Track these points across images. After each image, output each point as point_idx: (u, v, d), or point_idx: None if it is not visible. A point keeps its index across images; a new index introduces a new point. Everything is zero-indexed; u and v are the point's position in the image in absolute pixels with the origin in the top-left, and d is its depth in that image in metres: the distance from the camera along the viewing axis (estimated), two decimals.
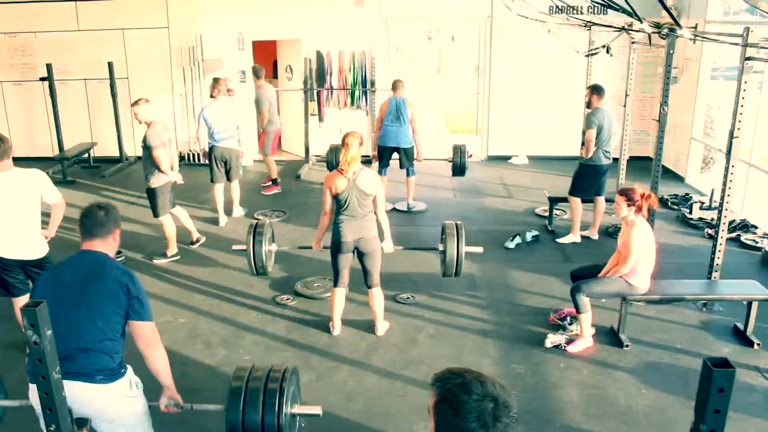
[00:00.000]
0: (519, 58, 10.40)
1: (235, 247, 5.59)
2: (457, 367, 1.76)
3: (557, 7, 9.14)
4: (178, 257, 6.82)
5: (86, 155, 10.76)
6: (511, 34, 10.23)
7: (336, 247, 4.98)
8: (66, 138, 10.56)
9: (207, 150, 7.78)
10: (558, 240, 7.11)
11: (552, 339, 4.98)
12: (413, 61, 20.61)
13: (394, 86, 8.05)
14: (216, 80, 7.87)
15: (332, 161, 8.20)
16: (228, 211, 7.97)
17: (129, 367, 3.08)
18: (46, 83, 10.32)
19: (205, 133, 7.71)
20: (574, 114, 9.64)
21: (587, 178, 6.95)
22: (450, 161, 8.26)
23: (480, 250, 5.47)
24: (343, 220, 4.90)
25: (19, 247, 4.66)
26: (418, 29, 16.88)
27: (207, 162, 7.92)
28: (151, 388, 3.19)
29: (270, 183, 9.12)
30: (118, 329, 2.97)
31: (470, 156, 8.40)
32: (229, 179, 7.89)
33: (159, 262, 6.74)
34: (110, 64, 10.42)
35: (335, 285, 5.12)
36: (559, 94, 10.34)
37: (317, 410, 3.15)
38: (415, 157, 8.05)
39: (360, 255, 4.99)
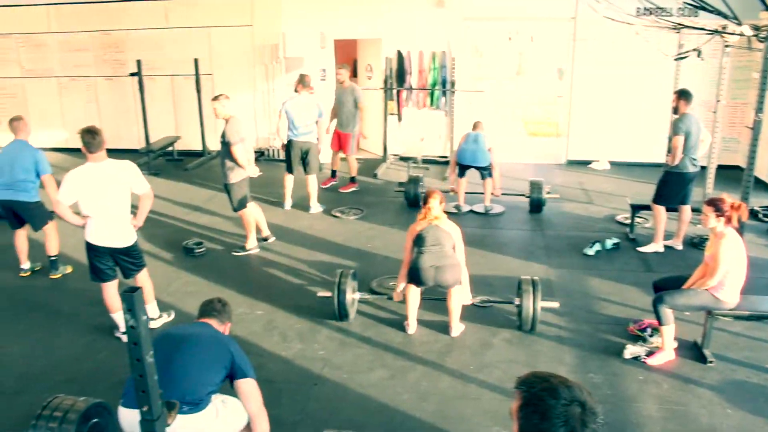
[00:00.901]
0: (603, 60, 10.15)
1: (319, 294, 5.68)
2: (542, 371, 1.74)
3: (645, 8, 8.89)
4: (257, 250, 6.97)
5: (170, 148, 11.15)
6: (596, 36, 10.00)
7: (414, 274, 5.04)
8: (152, 131, 10.95)
9: (286, 143, 7.96)
10: (639, 249, 6.91)
11: (631, 350, 4.84)
12: (492, 62, 20.44)
13: (475, 126, 8.09)
14: (302, 76, 8.04)
15: (410, 192, 8.31)
16: (305, 207, 8.11)
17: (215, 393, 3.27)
18: (136, 79, 10.73)
19: (285, 126, 7.89)
20: (660, 119, 9.35)
21: (673, 186, 6.72)
22: (528, 197, 8.11)
23: (556, 305, 5.36)
24: (423, 252, 5.00)
25: (110, 235, 4.87)
26: (498, 30, 16.73)
27: (285, 157, 8.11)
28: None
29: (348, 181, 9.22)
30: (215, 380, 3.21)
31: (548, 192, 8.23)
32: (306, 172, 8.04)
33: (238, 254, 6.89)
34: (196, 61, 10.75)
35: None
36: (644, 98, 10.04)
37: None
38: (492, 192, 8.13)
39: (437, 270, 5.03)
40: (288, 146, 8.00)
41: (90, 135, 4.78)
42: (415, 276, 5.02)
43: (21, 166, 6.07)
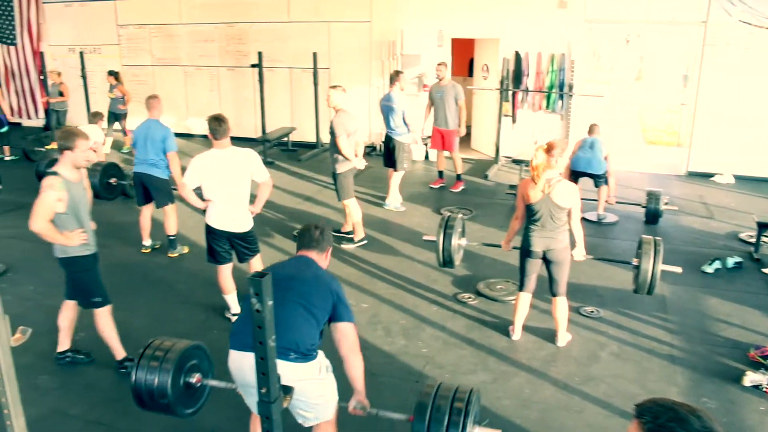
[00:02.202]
0: (734, 67, 9.59)
1: (425, 238, 5.70)
2: (664, 399, 1.64)
3: None
4: (365, 242, 7.07)
5: (285, 139, 11.47)
6: (728, 41, 9.48)
7: (525, 253, 4.92)
8: (269, 121, 11.32)
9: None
10: (765, 270, 6.50)
11: (752, 378, 4.56)
12: (610, 66, 19.75)
13: (591, 130, 7.88)
14: (397, 73, 8.16)
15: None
16: (412, 202, 8.22)
17: (320, 352, 3.25)
18: (256, 70, 11.12)
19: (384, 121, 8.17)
20: None
21: None
22: (644, 207, 7.76)
23: (678, 270, 5.11)
24: (534, 230, 4.82)
25: (229, 220, 5.06)
26: (620, 33, 16.16)
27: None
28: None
29: (454, 180, 9.20)
30: (320, 320, 3.18)
31: (666, 203, 7.83)
32: (394, 169, 8.17)
33: (347, 247, 7.01)
34: (315, 55, 11.00)
35: (521, 289, 5.04)
36: None
37: None
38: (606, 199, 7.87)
39: (548, 263, 4.89)
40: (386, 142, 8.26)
41: (217, 122, 4.99)
42: (525, 254, 4.92)
43: (152, 143, 6.46)
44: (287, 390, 2.37)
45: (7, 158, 11.44)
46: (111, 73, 11.45)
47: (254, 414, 3.44)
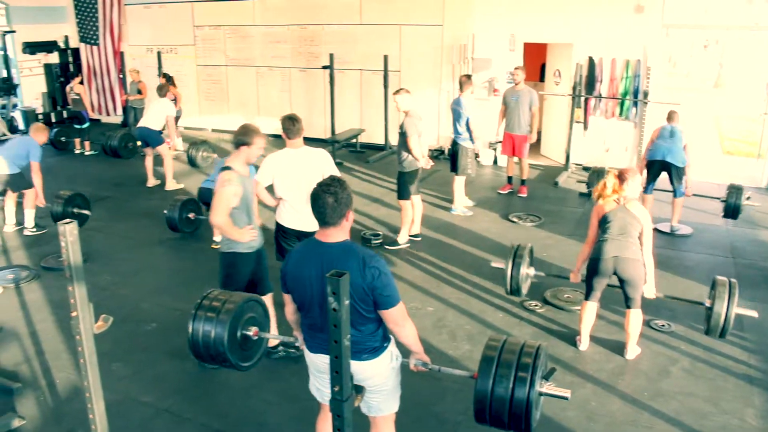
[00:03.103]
0: None
1: (493, 265, 5.64)
2: None
3: None
4: (420, 239, 7.17)
5: (354, 140, 11.56)
6: None
7: (594, 263, 4.82)
8: (338, 122, 11.43)
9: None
10: None
11: None
12: (687, 72, 19.22)
13: (670, 117, 7.58)
14: (467, 77, 8.15)
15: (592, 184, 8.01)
16: (482, 207, 8.16)
17: (392, 340, 3.20)
18: (327, 71, 11.26)
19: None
20: None
21: None
22: (723, 201, 7.30)
23: (755, 314, 4.85)
24: (605, 239, 4.76)
25: (299, 219, 5.12)
26: (697, 39, 15.68)
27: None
28: None
29: (519, 184, 9.10)
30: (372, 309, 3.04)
31: (748, 198, 7.32)
32: (456, 173, 8.17)
33: (391, 247, 7.09)
34: (385, 57, 11.04)
35: (587, 298, 4.95)
36: None
37: (566, 393, 2.92)
38: (684, 187, 7.53)
39: (620, 279, 4.78)
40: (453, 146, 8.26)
41: (290, 122, 5.06)
42: (594, 266, 4.83)
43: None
44: (359, 389, 2.38)
45: (87, 153, 11.90)
46: (165, 76, 11.69)
47: (323, 405, 3.45)
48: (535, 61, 11.88)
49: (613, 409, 4.34)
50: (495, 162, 10.79)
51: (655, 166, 7.47)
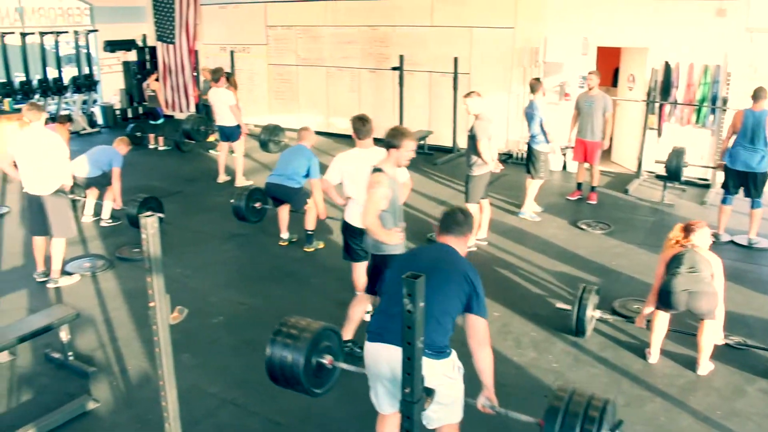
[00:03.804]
0: None
1: (558, 305, 5.56)
2: None
3: None
4: (486, 243, 7.04)
5: (422, 142, 11.53)
6: None
7: (665, 299, 4.71)
8: (406, 124, 11.39)
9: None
10: None
11: None
12: None
13: (755, 95, 7.01)
14: (537, 80, 8.09)
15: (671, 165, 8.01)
16: (551, 212, 8.07)
17: (454, 351, 3.22)
18: (397, 72, 11.28)
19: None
20: None
21: None
22: None
23: None
24: (677, 274, 4.63)
25: None
26: None
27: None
28: None
29: (588, 191, 8.91)
30: (454, 314, 3.15)
31: None
32: (531, 177, 8.06)
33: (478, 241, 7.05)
34: (455, 59, 10.98)
35: (658, 307, 4.80)
36: None
37: None
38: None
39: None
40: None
41: (361, 122, 5.11)
42: (664, 299, 4.69)
43: (297, 165, 6.86)
44: (429, 392, 2.37)
45: (160, 148, 12.24)
46: (227, 75, 11.79)
47: (381, 415, 3.46)
48: (608, 66, 11.61)
49: (683, 426, 4.20)
50: (564, 167, 10.60)
51: (735, 175, 7.19)
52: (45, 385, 4.64)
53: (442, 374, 3.12)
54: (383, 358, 3.09)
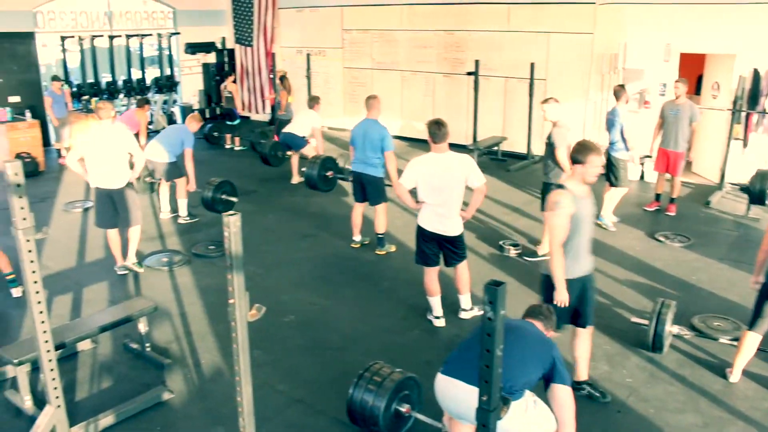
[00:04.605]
0: None
1: (633, 320, 5.40)
2: None
3: None
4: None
5: (495, 148, 11.43)
6: None
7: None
8: (480, 129, 11.34)
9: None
10: None
11: None
12: None
13: None
14: (621, 87, 7.92)
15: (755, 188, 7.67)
16: (627, 223, 7.89)
17: (527, 391, 3.30)
18: (472, 77, 11.22)
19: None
20: None
21: None
22: None
23: None
24: None
25: (441, 223, 5.13)
26: None
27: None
28: None
29: (667, 202, 8.62)
30: (532, 378, 3.30)
31: None
32: (611, 184, 7.87)
33: (530, 260, 6.91)
34: (532, 65, 10.83)
35: (751, 327, 4.54)
36: None
37: None
38: None
39: None
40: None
41: (436, 126, 5.09)
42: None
43: (371, 142, 6.72)
44: (505, 401, 2.34)
45: (236, 148, 12.53)
46: (281, 78, 11.89)
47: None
48: (692, 73, 11.21)
49: None
50: (641, 177, 10.30)
51: None
52: (123, 374, 4.80)
53: (521, 414, 3.19)
54: (452, 393, 3.23)
